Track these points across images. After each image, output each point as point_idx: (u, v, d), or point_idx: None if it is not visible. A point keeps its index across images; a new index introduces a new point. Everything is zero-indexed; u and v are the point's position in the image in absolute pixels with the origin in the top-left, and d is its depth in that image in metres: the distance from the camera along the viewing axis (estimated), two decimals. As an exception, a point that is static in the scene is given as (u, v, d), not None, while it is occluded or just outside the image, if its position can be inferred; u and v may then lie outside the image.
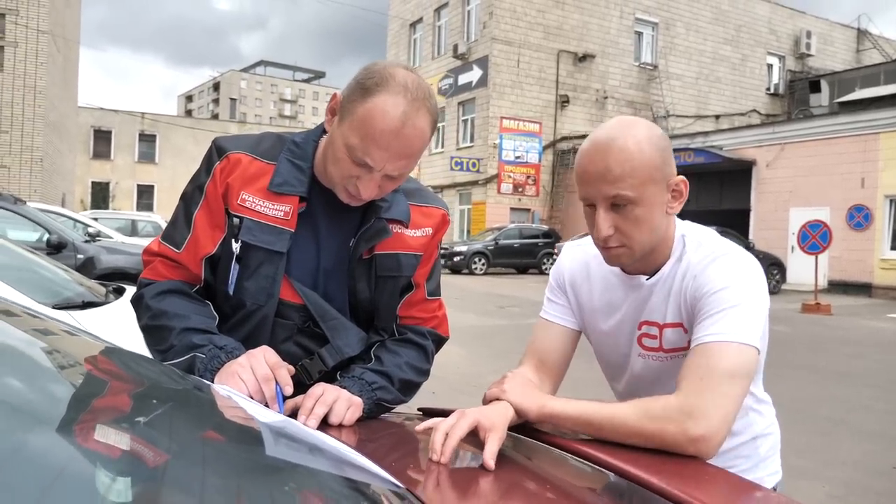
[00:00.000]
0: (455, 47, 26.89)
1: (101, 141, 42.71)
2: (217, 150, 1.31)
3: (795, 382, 6.90)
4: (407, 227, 1.35)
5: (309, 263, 1.31)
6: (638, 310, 1.32)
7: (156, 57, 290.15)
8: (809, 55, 31.74)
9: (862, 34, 33.88)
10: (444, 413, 1.38)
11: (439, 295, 1.47)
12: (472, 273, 20.92)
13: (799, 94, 30.38)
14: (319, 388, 1.21)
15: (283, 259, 1.27)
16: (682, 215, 1.32)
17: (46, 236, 7.44)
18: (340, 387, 1.25)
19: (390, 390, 1.33)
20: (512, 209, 26.04)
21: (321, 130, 1.34)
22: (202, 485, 0.75)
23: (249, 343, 1.27)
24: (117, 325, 3.16)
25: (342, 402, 1.20)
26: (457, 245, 22.54)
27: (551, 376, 1.40)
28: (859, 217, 17.78)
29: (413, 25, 30.40)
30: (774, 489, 1.39)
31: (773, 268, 17.05)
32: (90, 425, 0.86)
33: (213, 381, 1.14)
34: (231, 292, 1.29)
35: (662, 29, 28.55)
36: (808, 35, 31.70)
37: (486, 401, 1.21)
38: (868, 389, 6.68)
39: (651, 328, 1.30)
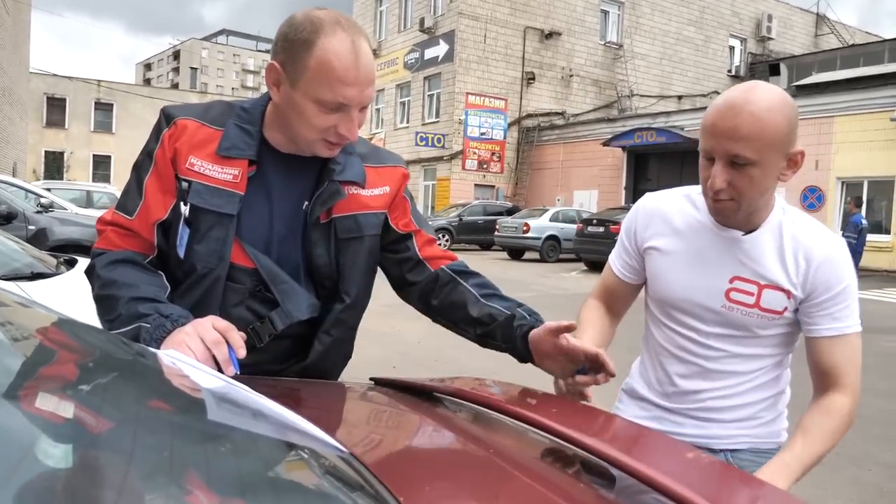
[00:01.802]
0: (422, 21, 26.61)
1: (55, 109, 41.32)
2: (165, 118, 1.31)
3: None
4: (363, 188, 1.36)
5: (262, 227, 1.31)
6: (730, 262, 1.40)
7: (116, 24, 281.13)
8: (770, 38, 32.23)
9: (820, 19, 34.51)
10: (397, 384, 1.40)
11: (434, 235, 1.53)
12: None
13: (759, 76, 30.85)
14: None
15: (232, 221, 1.27)
16: (644, 192, 1.44)
17: (-6, 206, 7.22)
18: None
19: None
20: (476, 185, 26.08)
21: (269, 96, 1.33)
22: (141, 450, 0.76)
23: (201, 307, 1.27)
24: (68, 296, 3.10)
25: None
26: (421, 221, 22.50)
27: (614, 312, 1.63)
28: (812, 198, 18.25)
29: (379, -3, 29.98)
30: (781, 446, 1.50)
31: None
32: (32, 392, 0.85)
33: (157, 347, 1.13)
34: (182, 256, 1.28)
35: (628, 8, 28.65)
36: (770, 18, 32.16)
37: None
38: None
39: (747, 285, 1.38)
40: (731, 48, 32.01)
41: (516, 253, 19.77)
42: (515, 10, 26.31)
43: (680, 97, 29.54)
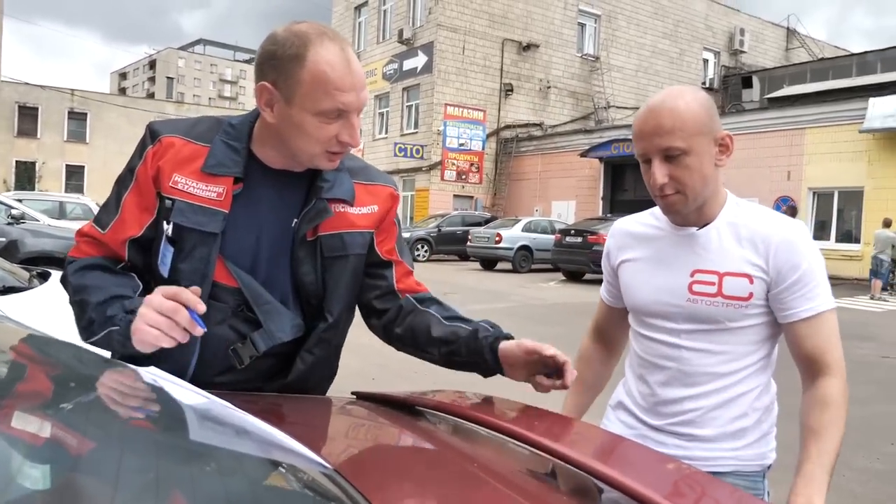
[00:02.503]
0: (400, 32, 26.69)
1: (27, 118, 40.68)
2: (150, 134, 1.29)
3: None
4: (351, 206, 1.35)
5: (248, 245, 1.29)
6: (689, 257, 1.44)
7: (91, 33, 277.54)
8: (742, 52, 32.80)
9: (791, 34, 35.21)
10: (378, 398, 1.40)
11: (412, 266, 1.51)
12: (414, 260, 20.76)
13: (732, 88, 31.38)
14: None
15: (216, 240, 1.25)
16: (622, 204, 1.45)
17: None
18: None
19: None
20: (455, 196, 26.14)
21: (257, 112, 1.31)
22: (123, 471, 0.75)
23: None
24: (41, 310, 3.06)
25: None
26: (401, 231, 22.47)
27: (609, 344, 1.71)
28: (785, 208, 18.54)
29: (358, 9, 30.01)
30: (769, 467, 1.50)
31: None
32: (9, 413, 0.85)
33: (134, 348, 1.12)
34: (166, 275, 1.27)
35: (605, 21, 28.99)
36: (742, 32, 32.75)
37: None
38: (788, 371, 7.00)
39: (708, 276, 1.41)
40: (705, 61, 32.50)
41: (489, 263, 19.71)
42: (493, 23, 26.50)
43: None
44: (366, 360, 6.47)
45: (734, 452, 1.45)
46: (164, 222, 1.26)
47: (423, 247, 21.36)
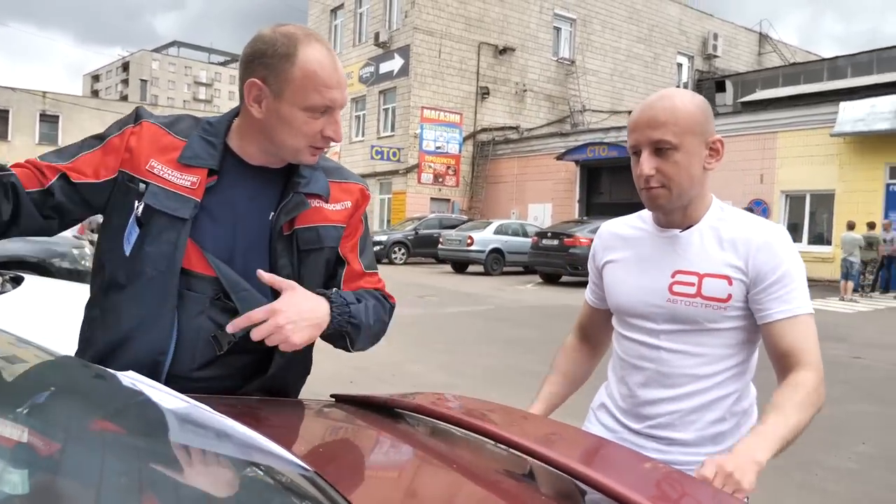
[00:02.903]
0: (377, 35, 26.66)
1: (-2, 121, 39.99)
2: (135, 116, 1.37)
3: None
4: (326, 202, 1.41)
5: (225, 237, 1.33)
6: (671, 259, 1.45)
7: (63, 35, 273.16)
8: (716, 56, 33.26)
9: (763, 38, 35.79)
10: (358, 401, 1.41)
11: (376, 269, 1.54)
12: (392, 263, 20.89)
13: (706, 93, 31.77)
14: (278, 305, 1.24)
15: (185, 226, 1.29)
16: (598, 207, 1.46)
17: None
18: (319, 294, 1.32)
19: (363, 316, 1.38)
20: (432, 199, 26.14)
21: (236, 112, 1.39)
22: (99, 475, 0.75)
23: (156, 316, 1.28)
24: (14, 316, 3.01)
25: (291, 327, 1.23)
26: (377, 234, 22.41)
27: (591, 344, 1.72)
28: (758, 211, 18.83)
29: (334, 11, 29.93)
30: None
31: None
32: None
33: None
34: (127, 253, 1.29)
35: (580, 25, 29.23)
36: (715, 37, 33.21)
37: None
38: (761, 372, 7.10)
39: (688, 276, 1.43)
40: (679, 65, 32.89)
41: (460, 266, 19.65)
42: (470, 26, 26.58)
43: (630, 112, 30.12)
44: (343, 363, 6.45)
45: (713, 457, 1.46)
46: (136, 201, 1.29)
47: (400, 250, 21.34)
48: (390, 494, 0.91)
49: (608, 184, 23.54)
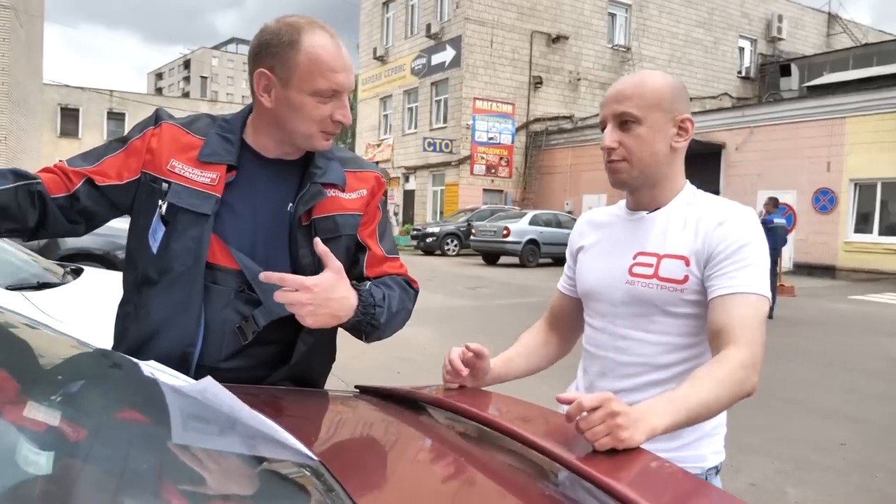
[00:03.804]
0: (428, 27, 26.68)
1: (69, 119, 41.74)
2: (155, 117, 1.42)
3: (754, 361, 7.06)
4: (343, 191, 1.44)
5: (246, 230, 1.37)
6: (635, 240, 1.43)
7: (131, 35, 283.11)
8: (781, 39, 32.06)
9: (833, 18, 34.29)
10: (381, 393, 1.42)
11: (397, 255, 1.56)
12: (444, 254, 20.96)
13: (770, 77, 30.72)
14: (312, 281, 1.25)
15: (208, 221, 1.33)
16: None
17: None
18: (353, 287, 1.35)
19: (384, 316, 1.39)
20: (485, 190, 26.08)
21: (250, 108, 1.44)
22: (112, 459, 0.78)
23: (184, 309, 1.32)
24: (71, 305, 3.14)
25: (310, 309, 1.25)
26: (429, 226, 22.53)
27: (560, 332, 1.63)
28: (825, 200, 18.11)
29: (386, 4, 30.07)
30: (717, 469, 1.42)
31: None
32: (10, 404, 0.88)
33: None
34: (154, 251, 1.34)
35: (635, 11, 28.60)
36: (780, 19, 31.99)
37: (602, 447, 1.02)
38: (823, 369, 6.87)
39: (648, 258, 1.39)
40: (741, 49, 31.84)
41: (491, 258, 19.29)
42: (522, 15, 26.32)
43: (689, 99, 29.36)
44: (391, 353, 6.52)
45: (669, 454, 1.33)
46: (160, 201, 1.34)
47: (452, 241, 21.37)
48: (391, 486, 0.91)
49: (665, 173, 23.02)
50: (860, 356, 7.64)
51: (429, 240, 21.39)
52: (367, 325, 1.38)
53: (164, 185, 1.34)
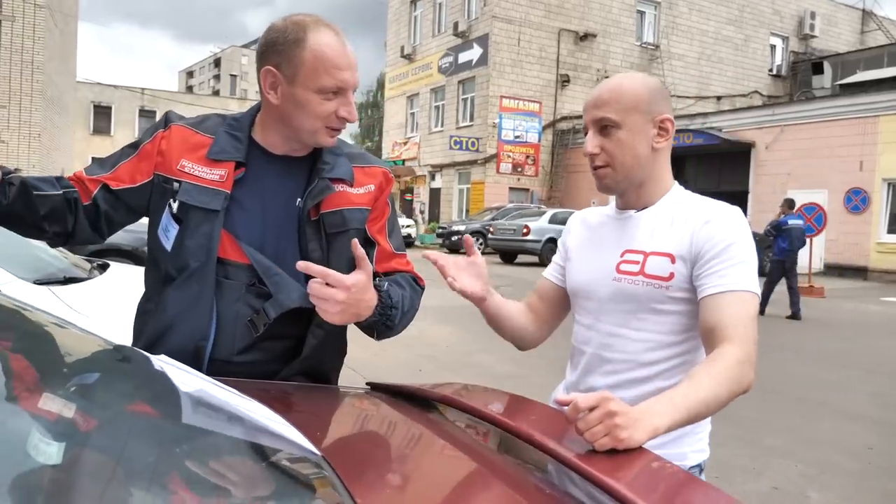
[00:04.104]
0: (455, 25, 26.67)
1: (102, 116, 42.53)
2: (165, 120, 1.46)
3: (779, 364, 6.96)
4: (351, 186, 1.46)
5: (255, 225, 1.40)
6: (623, 239, 1.44)
7: (163, 33, 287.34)
8: (813, 36, 31.45)
9: (867, 15, 33.54)
10: (391, 389, 1.43)
11: (405, 251, 1.58)
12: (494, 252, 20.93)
13: (802, 75, 30.17)
14: (352, 281, 1.28)
15: (218, 217, 1.36)
16: None
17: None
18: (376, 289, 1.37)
19: (397, 318, 1.43)
20: (511, 189, 26.00)
21: (259, 106, 1.46)
22: (115, 449, 0.80)
23: (197, 304, 1.36)
24: (96, 300, 3.21)
25: (341, 307, 1.28)
26: (455, 224, 22.54)
27: (538, 315, 1.61)
28: (857, 200, 17.75)
29: (414, 2, 30.13)
30: (701, 468, 1.41)
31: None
32: (22, 395, 0.91)
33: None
34: (168, 249, 1.38)
35: (665, 8, 28.28)
36: (812, 16, 31.39)
37: (602, 447, 1.02)
38: (852, 371, 6.74)
39: (635, 255, 1.41)
40: (773, 47, 31.31)
41: (509, 256, 19.03)
42: (549, 13, 26.19)
43: (719, 97, 29.03)
44: (414, 351, 6.54)
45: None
46: (171, 200, 1.38)
47: (477, 239, 21.34)
48: (393, 483, 0.92)
49: (693, 172, 22.75)
50: (889, 359, 7.49)
51: (454, 238, 21.39)
52: (382, 326, 1.41)
53: (175, 185, 1.38)
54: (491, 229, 19.16)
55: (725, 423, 4.77)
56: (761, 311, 10.39)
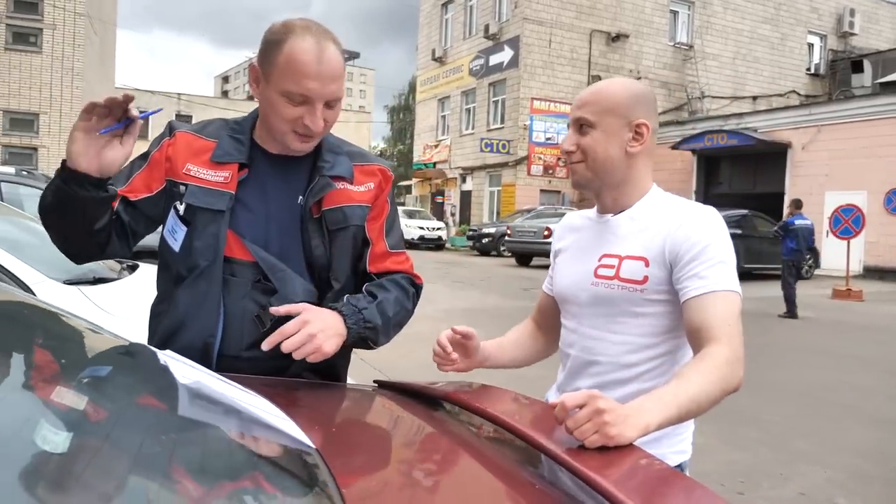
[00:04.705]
0: (486, 27, 26.66)
1: (139, 122, 43.51)
2: (169, 129, 1.51)
3: (812, 368, 6.82)
4: (351, 184, 1.50)
5: (259, 224, 1.44)
6: (601, 243, 1.47)
7: (200, 39, 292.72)
8: (853, 34, 30.72)
9: (910, 12, 32.66)
10: (397, 387, 1.45)
11: (403, 249, 1.61)
12: (500, 255, 20.90)
13: (841, 74, 29.49)
14: (306, 316, 1.34)
15: (224, 217, 1.41)
16: (717, 198, 1.44)
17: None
18: (331, 309, 1.41)
19: (378, 318, 1.45)
20: (542, 191, 25.89)
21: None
22: (115, 438, 0.83)
23: (205, 300, 1.40)
24: (123, 299, 3.29)
25: (322, 336, 1.33)
26: (486, 227, 22.52)
27: (545, 330, 1.67)
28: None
29: (445, 6, 30.21)
30: (682, 468, 1.41)
31: (806, 253, 16.64)
32: (36, 386, 0.95)
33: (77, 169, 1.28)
34: (176, 250, 1.43)
35: (699, 8, 27.91)
36: (852, 13, 30.67)
37: (592, 445, 1.01)
38: (887, 377, 6.57)
39: (610, 259, 1.43)
40: (810, 45, 30.67)
41: (525, 259, 18.63)
42: (581, 14, 26.03)
43: (755, 97, 28.53)
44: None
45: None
46: (177, 203, 1.43)
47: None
48: (382, 478, 0.94)
49: (728, 174, 22.41)
50: (930, 365, 7.28)
51: (485, 240, 21.38)
52: (366, 330, 1.43)
53: (182, 188, 1.42)
54: (508, 231, 18.79)
55: (752, 427, 4.70)
56: (793, 315, 10.22)
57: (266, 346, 1.32)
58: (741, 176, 21.76)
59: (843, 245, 13.45)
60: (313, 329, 1.32)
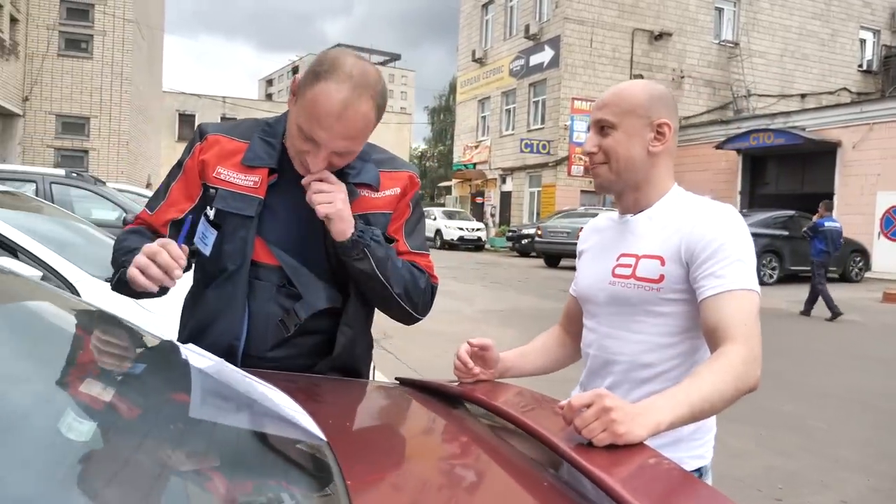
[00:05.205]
0: (527, 28, 26.56)
1: (186, 124, 44.52)
2: (199, 133, 1.52)
3: (859, 373, 6.61)
4: (376, 191, 1.50)
5: (285, 229, 1.46)
6: (620, 243, 1.46)
7: (247, 43, 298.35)
8: (908, 29, 29.70)
9: (969, 5, 31.40)
10: (418, 385, 1.46)
11: (426, 251, 1.61)
12: (539, 256, 20.78)
13: (894, 70, 28.52)
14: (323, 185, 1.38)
15: (253, 222, 1.42)
16: (764, 198, 1.43)
17: (123, 215, 7.90)
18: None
19: (384, 250, 1.45)
20: (582, 192, 25.64)
21: None
22: (134, 424, 0.86)
23: (231, 302, 1.43)
24: (160, 300, 3.37)
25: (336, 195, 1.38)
26: (525, 228, 22.42)
27: (573, 335, 1.64)
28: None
29: (485, 6, 30.19)
30: (700, 473, 1.39)
31: (856, 255, 16.15)
32: (67, 379, 0.99)
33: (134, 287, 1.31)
34: (206, 254, 1.45)
35: (745, 4, 27.31)
36: (907, 7, 29.65)
37: (601, 443, 1.01)
38: (940, 383, 6.33)
39: (628, 258, 1.42)
40: (862, 41, 29.74)
41: (554, 260, 18.42)
42: (623, 13, 25.72)
43: (804, 95, 27.78)
44: (476, 353, 6.56)
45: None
46: (207, 207, 1.45)
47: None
48: (390, 473, 0.95)
49: (774, 174, 21.87)
50: None
51: (524, 241, 21.29)
52: (370, 241, 1.42)
53: (212, 192, 1.45)
54: (539, 231, 18.48)
55: (795, 433, 4.58)
56: (837, 312, 9.93)
57: (307, 181, 1.38)
58: (788, 176, 21.22)
59: (894, 247, 13.01)
60: (328, 189, 1.37)
